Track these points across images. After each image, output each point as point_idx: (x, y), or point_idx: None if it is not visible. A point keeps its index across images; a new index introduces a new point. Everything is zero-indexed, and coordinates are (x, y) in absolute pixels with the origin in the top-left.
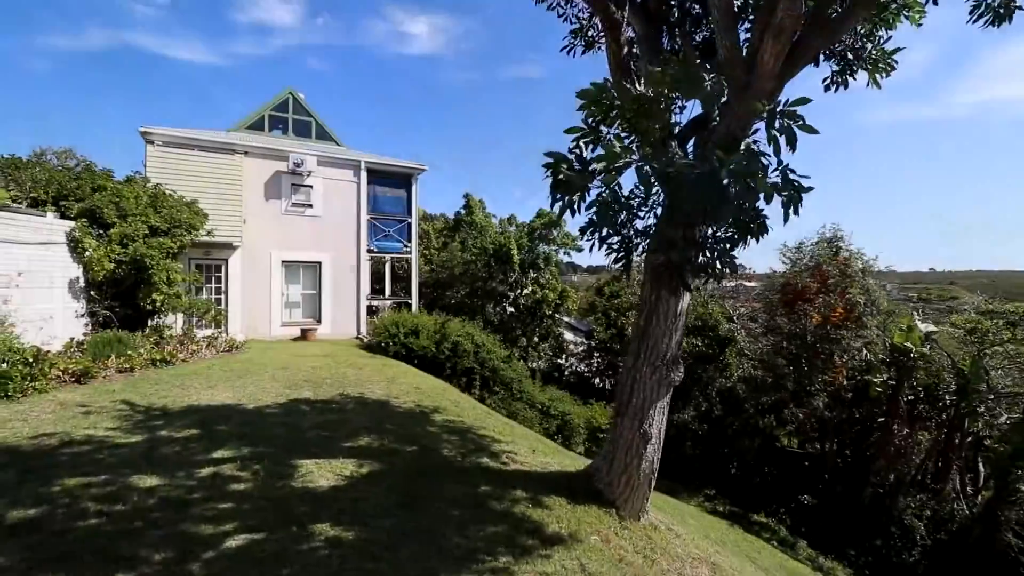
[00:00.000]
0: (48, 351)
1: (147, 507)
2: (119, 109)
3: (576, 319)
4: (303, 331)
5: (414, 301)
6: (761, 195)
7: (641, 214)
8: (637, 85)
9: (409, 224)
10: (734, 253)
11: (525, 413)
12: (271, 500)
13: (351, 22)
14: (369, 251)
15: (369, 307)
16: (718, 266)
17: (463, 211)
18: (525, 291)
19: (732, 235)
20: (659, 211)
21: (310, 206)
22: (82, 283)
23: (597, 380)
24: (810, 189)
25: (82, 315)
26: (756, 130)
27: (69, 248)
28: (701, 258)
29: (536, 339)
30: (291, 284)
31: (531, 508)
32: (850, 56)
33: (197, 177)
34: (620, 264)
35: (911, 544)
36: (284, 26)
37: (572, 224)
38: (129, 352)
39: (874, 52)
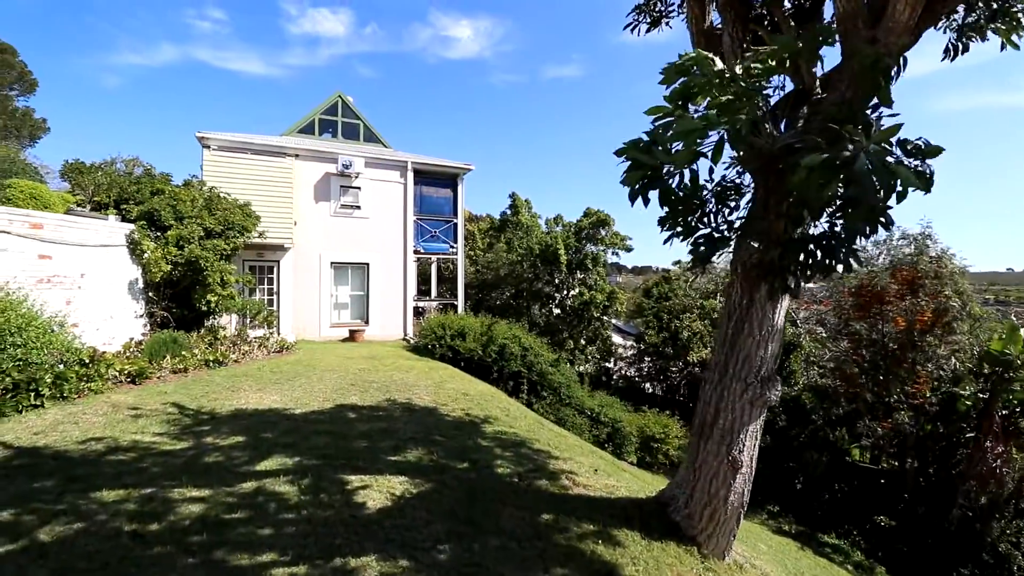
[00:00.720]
0: (105, 352)
1: (183, 528)
2: (182, 119)
3: (623, 321)
4: (351, 332)
5: (460, 302)
6: (897, 180)
7: (733, 204)
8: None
9: (455, 224)
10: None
11: (574, 419)
12: (313, 524)
13: (397, 29)
14: (415, 252)
15: (415, 308)
16: (837, 264)
17: (509, 211)
18: (572, 292)
19: (854, 227)
20: (746, 200)
21: (358, 207)
22: (141, 284)
23: (648, 385)
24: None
25: (141, 315)
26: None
27: (129, 250)
28: (809, 256)
29: (583, 342)
30: (340, 285)
31: (601, 545)
32: (995, 4)
33: (250, 180)
34: (701, 262)
35: (1006, 574)
36: (334, 36)
37: (632, 220)
38: (183, 353)
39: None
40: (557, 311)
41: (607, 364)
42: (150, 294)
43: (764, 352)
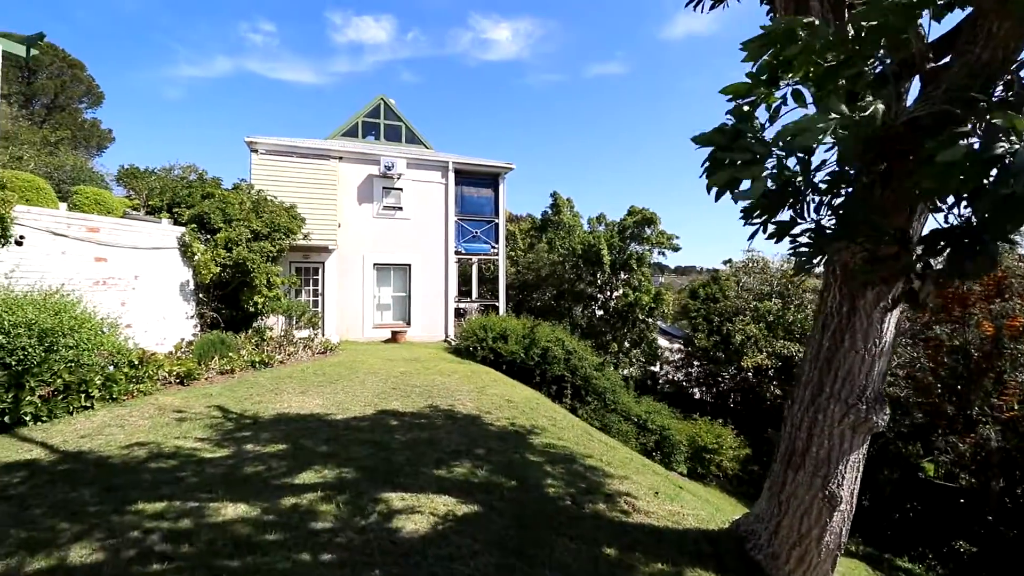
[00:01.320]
0: (155, 353)
1: (215, 550)
2: (235, 127)
3: (668, 324)
4: (393, 333)
5: (501, 304)
6: None
7: (838, 192)
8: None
9: (496, 225)
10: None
11: (620, 426)
12: (351, 550)
13: (439, 34)
14: (457, 253)
15: (457, 309)
16: (980, 267)
17: (550, 210)
18: (616, 293)
19: (1003, 224)
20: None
21: (400, 208)
22: (191, 286)
23: (696, 391)
24: None
25: (192, 316)
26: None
27: (180, 252)
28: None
29: (627, 345)
30: (382, 286)
31: None
32: None
33: (296, 183)
34: (804, 266)
35: None
36: (378, 43)
37: (676, 219)
38: (230, 354)
39: None
40: (600, 312)
41: (652, 368)
42: (200, 295)
43: (870, 369)
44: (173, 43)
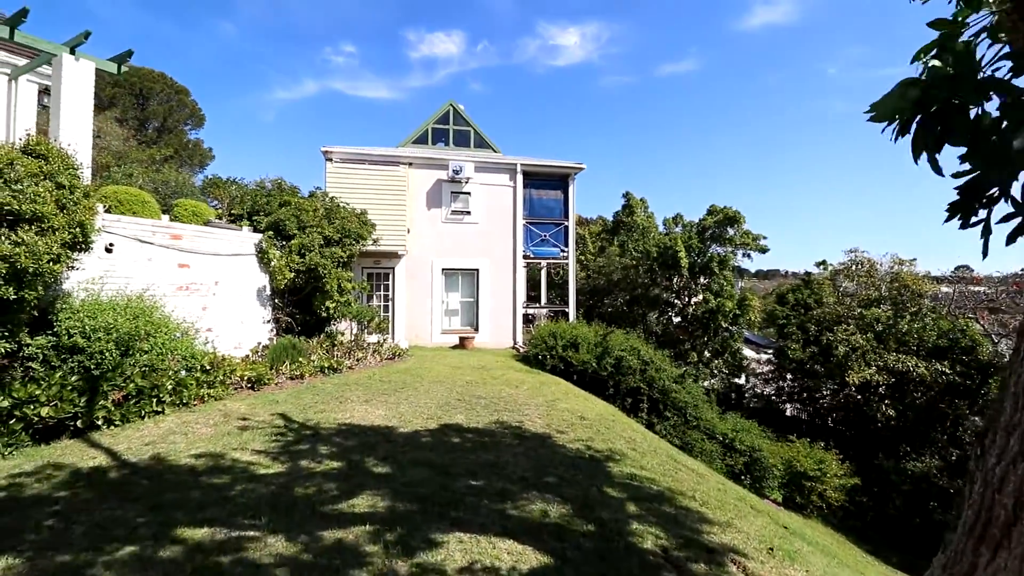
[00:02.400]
0: (228, 356)
1: None
2: (319, 143)
3: (752, 332)
4: (461, 339)
5: (571, 310)
6: None
7: None
8: None
9: (566, 228)
10: None
11: (702, 445)
12: None
13: (507, 44)
14: (525, 257)
15: (525, 315)
16: None
17: (622, 212)
18: (695, 299)
19: None
20: None
21: (468, 213)
22: (268, 291)
23: (788, 407)
24: None
25: (268, 321)
26: None
27: (257, 258)
28: None
29: (708, 354)
30: (450, 292)
31: None
32: None
33: (367, 189)
34: None
35: None
36: (449, 57)
37: (758, 219)
38: (300, 359)
39: None
40: (677, 319)
41: (737, 380)
42: (276, 300)
43: None
44: (270, 71)
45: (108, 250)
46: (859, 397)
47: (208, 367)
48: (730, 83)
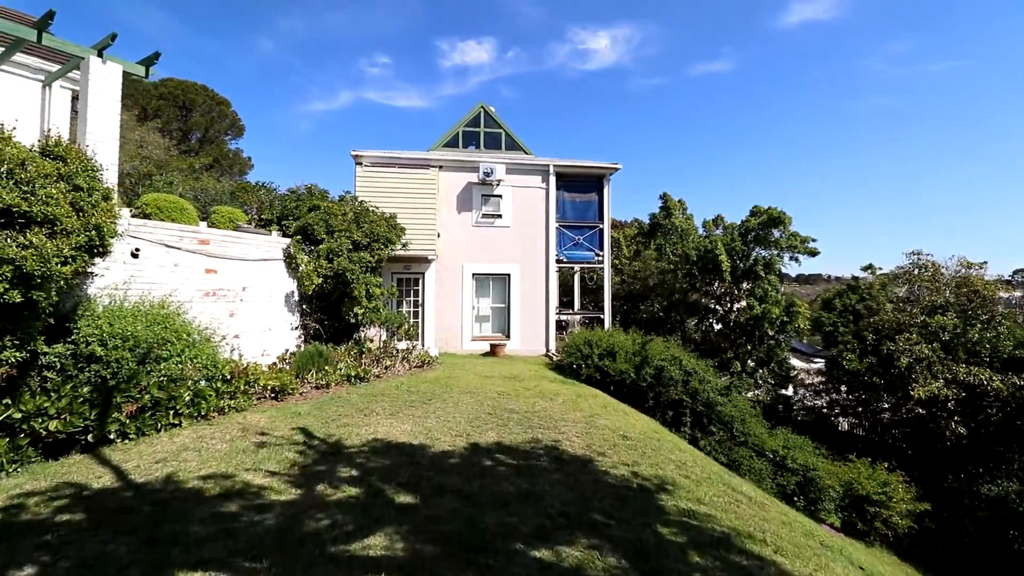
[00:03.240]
0: (252, 364)
1: None
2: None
3: (799, 340)
4: (492, 346)
5: (607, 316)
6: None
7: None
8: None
9: (600, 230)
10: None
11: (750, 463)
12: None
13: (537, 50)
14: (558, 261)
15: (558, 322)
16: None
17: (660, 213)
18: (738, 305)
19: None
20: None
21: (499, 216)
22: (296, 297)
23: (843, 421)
24: None
25: (295, 327)
26: None
27: (285, 263)
28: None
29: (752, 364)
30: (481, 297)
31: None
32: None
33: (397, 193)
34: None
35: None
36: (480, 64)
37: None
38: (327, 368)
39: None
40: (718, 326)
41: (784, 391)
42: (304, 307)
43: None
44: (307, 84)
45: (134, 255)
46: (924, 412)
47: (229, 376)
48: (766, 81)
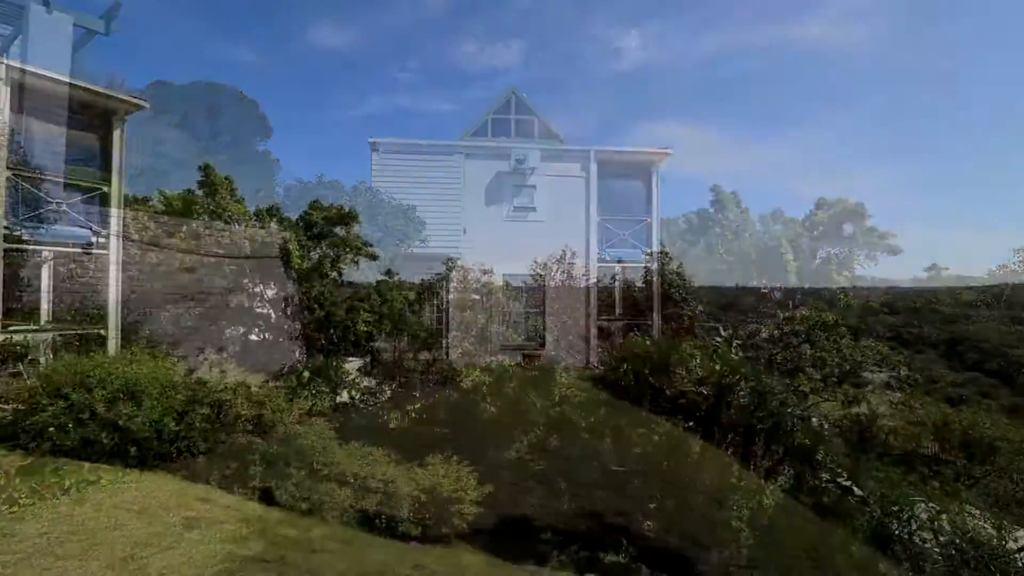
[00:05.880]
0: (227, 386)
1: None
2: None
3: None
4: (525, 356)
5: (655, 322)
6: None
7: None
8: None
9: (648, 225)
10: None
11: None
12: None
13: (566, 51)
14: (599, 260)
15: (600, 328)
16: None
17: (711, 208)
18: (801, 312)
19: None
20: None
21: (533, 209)
22: (295, 301)
23: None
24: None
25: (296, 337)
26: None
27: (282, 261)
28: None
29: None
30: (512, 301)
31: None
32: None
33: (417, 183)
34: None
35: None
36: (507, 66)
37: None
38: (323, 389)
39: None
40: (775, 332)
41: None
42: (304, 313)
43: None
44: (333, 90)
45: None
46: None
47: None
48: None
